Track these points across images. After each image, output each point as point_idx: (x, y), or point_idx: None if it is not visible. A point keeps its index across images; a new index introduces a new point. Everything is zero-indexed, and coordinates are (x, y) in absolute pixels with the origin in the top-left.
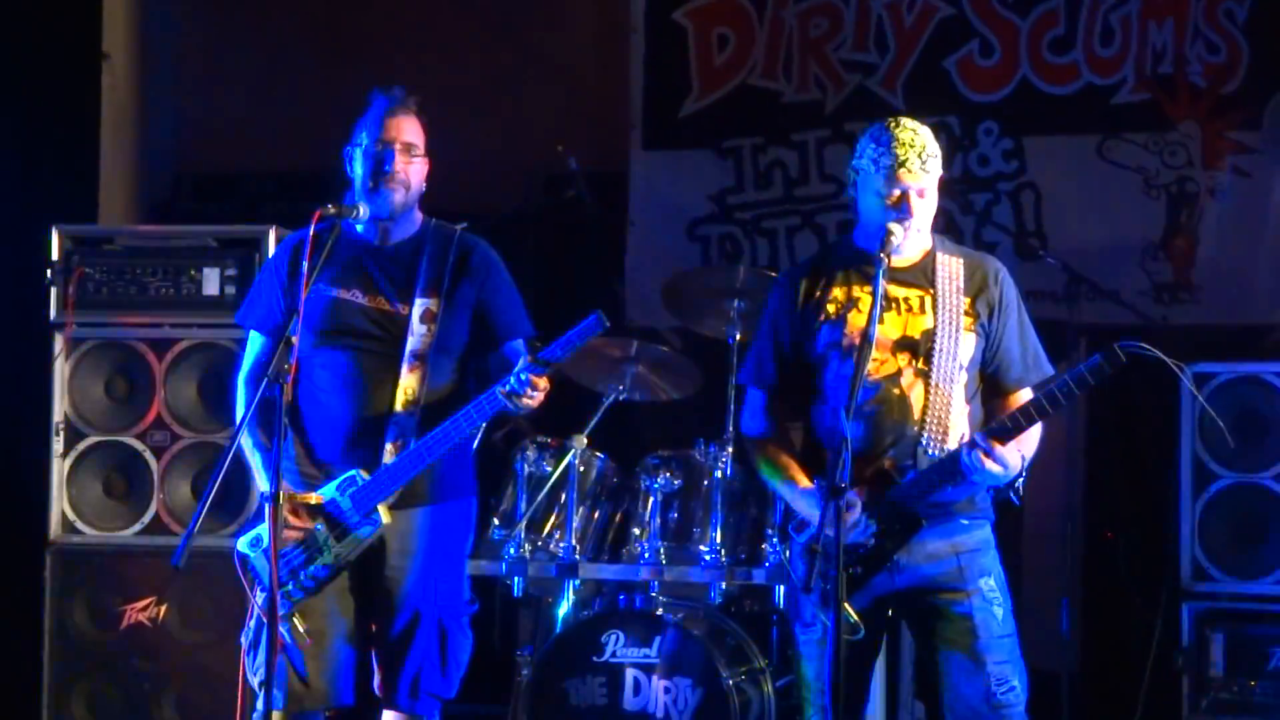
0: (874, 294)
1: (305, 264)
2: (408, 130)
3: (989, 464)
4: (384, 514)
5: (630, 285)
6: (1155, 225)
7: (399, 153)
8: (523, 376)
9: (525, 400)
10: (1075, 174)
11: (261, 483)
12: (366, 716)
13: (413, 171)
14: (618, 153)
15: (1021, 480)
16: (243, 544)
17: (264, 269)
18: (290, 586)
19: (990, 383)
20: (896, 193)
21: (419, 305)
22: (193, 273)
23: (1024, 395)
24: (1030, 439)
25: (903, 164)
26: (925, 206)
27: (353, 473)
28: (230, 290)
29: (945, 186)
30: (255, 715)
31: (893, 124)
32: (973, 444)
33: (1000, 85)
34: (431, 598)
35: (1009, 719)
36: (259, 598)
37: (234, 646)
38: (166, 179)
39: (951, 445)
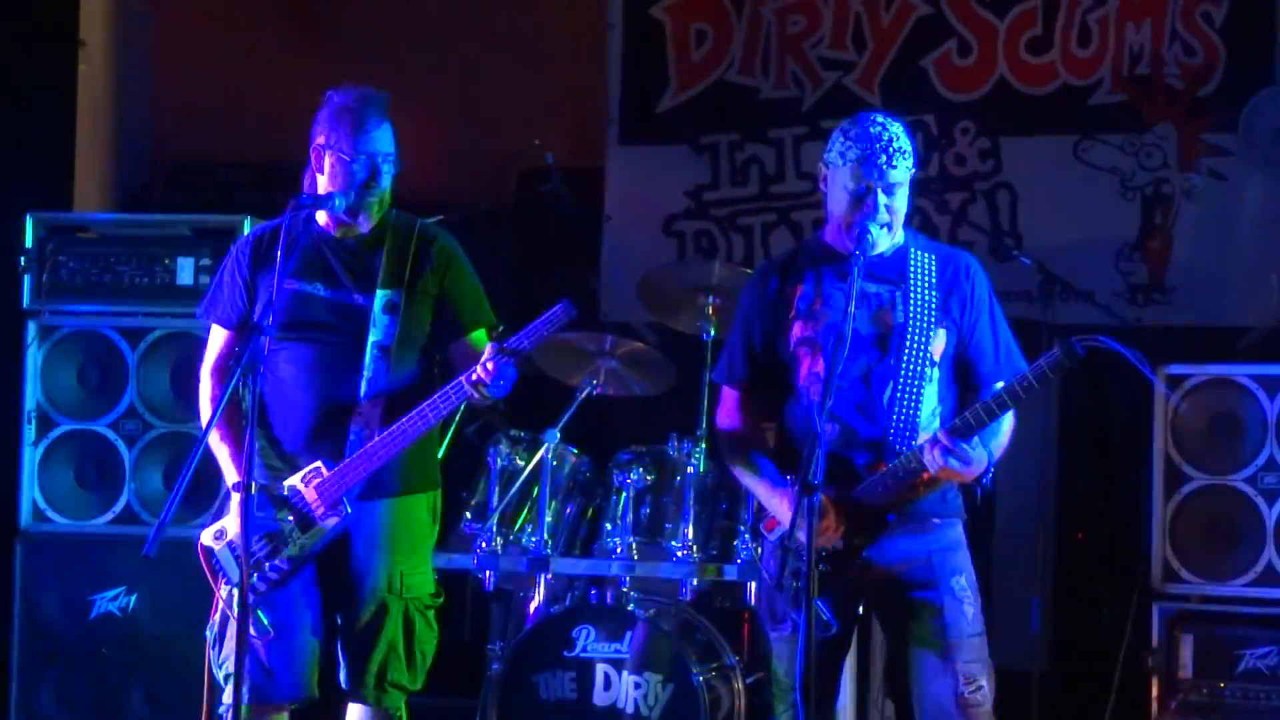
0: (848, 293)
1: (279, 256)
2: (386, 140)
3: (950, 461)
4: (349, 505)
5: (606, 280)
6: (1130, 226)
7: (381, 164)
8: (489, 365)
9: (491, 390)
10: (1051, 174)
11: (229, 475)
12: (331, 709)
13: (390, 180)
14: (594, 148)
15: (988, 477)
16: (206, 536)
17: (224, 262)
18: (255, 578)
19: (963, 378)
20: (863, 187)
21: (381, 297)
22: (167, 262)
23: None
24: (1000, 436)
25: (869, 158)
26: (895, 202)
27: (317, 464)
28: (204, 280)
29: (921, 185)
30: (221, 708)
31: (863, 118)
32: (934, 441)
33: (977, 85)
34: (397, 590)
35: (977, 718)
36: (223, 590)
37: (203, 638)
38: (142, 168)
39: (919, 442)
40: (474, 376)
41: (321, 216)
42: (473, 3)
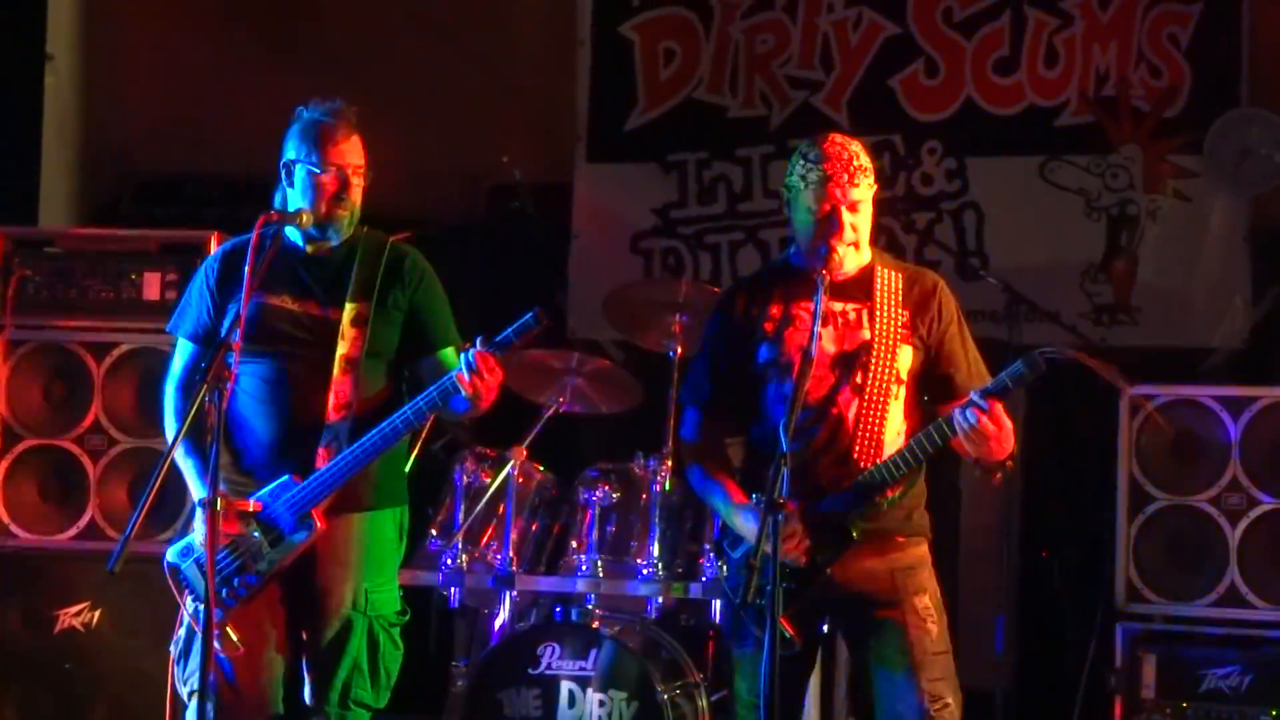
0: (814, 312)
1: (246, 270)
2: (355, 152)
3: (984, 422)
4: (317, 520)
5: (572, 297)
6: (1096, 247)
7: (351, 176)
8: (472, 359)
9: (482, 386)
10: (1017, 195)
11: (195, 490)
12: None
13: (360, 193)
14: (562, 165)
15: (1009, 464)
16: (172, 553)
17: (194, 277)
18: (223, 594)
19: (935, 393)
20: (827, 208)
21: (349, 310)
22: (133, 277)
23: None
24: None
25: (831, 179)
26: (859, 221)
27: (285, 478)
28: (171, 295)
29: (888, 205)
30: None
31: (822, 139)
32: (969, 403)
33: (944, 105)
34: (362, 608)
35: None
36: (189, 606)
37: (167, 653)
38: (109, 182)
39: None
40: (464, 371)
41: (291, 232)
42: (442, 19)
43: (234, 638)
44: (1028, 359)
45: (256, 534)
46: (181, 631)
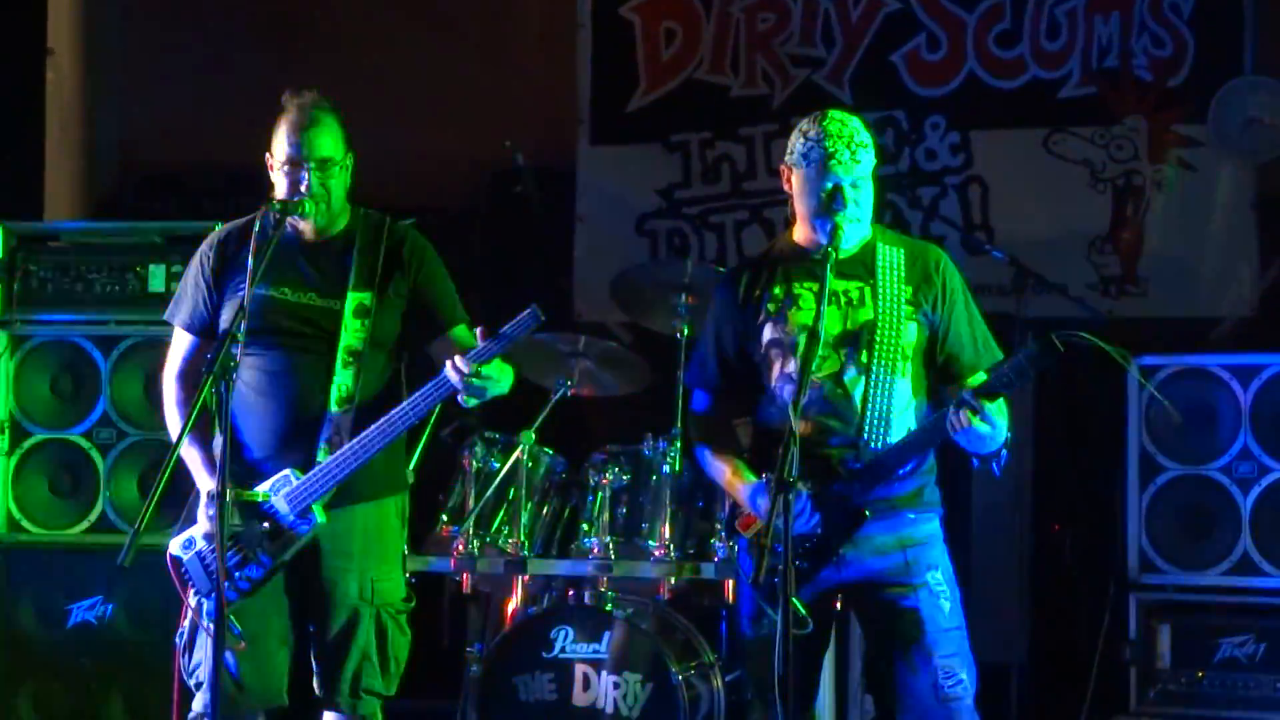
0: (821, 289)
1: (250, 262)
2: (321, 145)
3: (976, 422)
4: (320, 514)
5: (578, 281)
6: (1102, 218)
7: (313, 171)
8: (459, 366)
9: (481, 385)
10: (1022, 168)
11: (201, 482)
12: (301, 717)
13: (332, 185)
14: (565, 148)
15: (1005, 455)
16: (175, 546)
17: (190, 265)
18: (225, 587)
19: (944, 369)
20: (829, 186)
21: (352, 299)
22: (138, 269)
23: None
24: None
25: (833, 156)
26: (861, 197)
27: (286, 472)
28: (176, 287)
29: (892, 180)
30: (191, 716)
31: (821, 117)
32: (960, 403)
33: (947, 79)
34: (369, 597)
35: (958, 712)
36: (192, 600)
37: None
38: (112, 175)
39: (894, 438)
40: (461, 380)
41: (290, 221)
42: (441, 5)
43: (236, 631)
44: (1028, 353)
45: (259, 527)
46: (185, 624)
